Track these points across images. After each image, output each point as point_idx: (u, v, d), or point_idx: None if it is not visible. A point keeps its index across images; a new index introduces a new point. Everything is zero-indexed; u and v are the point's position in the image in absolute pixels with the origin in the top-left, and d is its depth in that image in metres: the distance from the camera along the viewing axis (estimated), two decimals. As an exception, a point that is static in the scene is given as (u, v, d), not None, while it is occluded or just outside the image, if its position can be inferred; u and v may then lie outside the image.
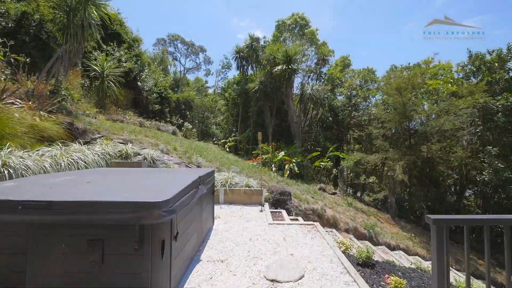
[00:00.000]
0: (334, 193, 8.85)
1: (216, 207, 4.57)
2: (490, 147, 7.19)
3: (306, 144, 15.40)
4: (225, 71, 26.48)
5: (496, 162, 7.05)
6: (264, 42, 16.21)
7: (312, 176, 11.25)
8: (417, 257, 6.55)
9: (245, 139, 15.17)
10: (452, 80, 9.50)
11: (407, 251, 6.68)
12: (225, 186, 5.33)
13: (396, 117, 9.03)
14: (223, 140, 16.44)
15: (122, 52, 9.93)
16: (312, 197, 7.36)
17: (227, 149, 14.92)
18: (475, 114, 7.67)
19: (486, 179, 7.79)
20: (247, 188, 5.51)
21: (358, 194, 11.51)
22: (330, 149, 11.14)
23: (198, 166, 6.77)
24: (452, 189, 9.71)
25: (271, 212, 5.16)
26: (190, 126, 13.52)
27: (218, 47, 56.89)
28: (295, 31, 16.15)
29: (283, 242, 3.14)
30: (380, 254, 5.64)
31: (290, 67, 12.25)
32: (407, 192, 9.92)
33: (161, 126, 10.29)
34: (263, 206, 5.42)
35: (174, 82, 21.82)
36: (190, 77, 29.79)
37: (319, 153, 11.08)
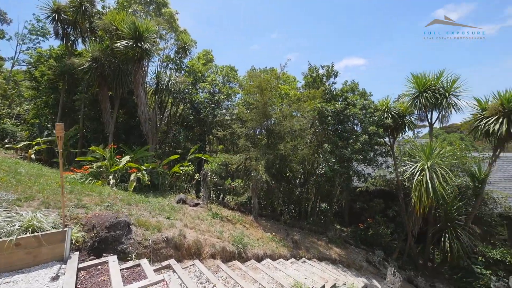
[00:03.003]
0: (196, 204, 7.26)
1: None
2: (326, 145, 8.57)
3: (164, 146, 12.92)
4: (37, 39, 17.92)
5: (330, 157, 8.44)
6: (102, 8, 11.96)
7: (170, 185, 9.13)
8: (281, 260, 6.29)
9: (67, 140, 10.28)
10: (296, 88, 10.87)
11: (273, 256, 6.25)
12: None
13: (257, 116, 8.96)
14: (26, 143, 10.37)
15: None
16: (167, 218, 5.31)
17: (32, 156, 9.43)
18: (316, 116, 8.90)
19: (322, 172, 9.31)
20: (28, 236, 2.66)
21: (221, 197, 10.73)
22: (192, 150, 9.55)
23: None
24: (298, 182, 11.15)
25: (84, 268, 2.67)
26: None
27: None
28: (150, 9, 13.20)
29: None
30: (250, 274, 4.61)
31: (140, 45, 9.40)
32: (266, 190, 10.21)
33: None
34: (67, 261, 2.79)
35: None
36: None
37: (178, 156, 9.15)
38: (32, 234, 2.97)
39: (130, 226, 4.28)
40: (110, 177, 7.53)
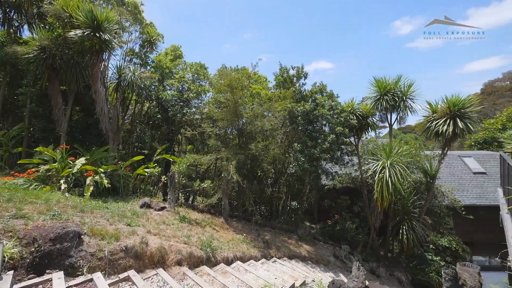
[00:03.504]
0: (162, 208, 6.84)
1: None
2: (296, 144, 8.72)
3: (128, 147, 12.04)
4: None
5: (300, 156, 8.60)
6: (53, -8, 10.66)
7: (135, 188, 8.51)
8: (252, 261, 6.21)
9: (8, 140, 8.98)
10: (267, 88, 10.89)
11: (243, 258, 6.14)
12: None
13: (228, 115, 8.78)
14: (-46, 142, 8.80)
15: None
16: (128, 225, 4.89)
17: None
18: (286, 116, 9.00)
19: (292, 171, 9.46)
20: None
21: (191, 200, 10.33)
22: (158, 151, 8.99)
23: None
24: (269, 182, 11.20)
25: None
26: None
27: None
28: (111, -3, 12.14)
29: None
30: (219, 279, 4.44)
31: (99, 35, 8.57)
32: (237, 190, 10.07)
33: None
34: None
35: None
36: None
37: (143, 157, 8.55)
38: None
39: (82, 236, 3.82)
40: (61, 181, 6.71)
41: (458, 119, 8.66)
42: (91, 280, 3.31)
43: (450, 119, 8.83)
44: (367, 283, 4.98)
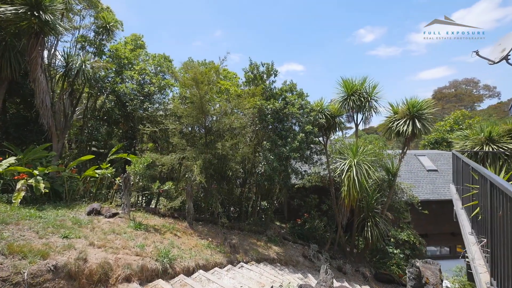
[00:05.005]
0: (114, 214, 6.03)
1: None
2: (265, 142, 8.44)
3: (81, 145, 10.67)
4: None
5: (269, 155, 8.34)
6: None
7: (85, 192, 7.47)
8: (216, 269, 5.75)
9: None
10: (237, 85, 10.46)
11: (207, 266, 5.65)
12: None
13: (194, 112, 8.16)
14: None
15: None
16: (65, 237, 4.10)
17: None
18: (256, 114, 8.68)
19: (262, 170, 9.18)
20: None
21: (153, 204, 9.48)
22: (113, 150, 8.01)
23: None
24: (238, 182, 10.79)
25: None
26: None
27: None
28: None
29: None
30: (177, 294, 3.91)
31: (39, 15, 7.33)
32: (203, 191, 9.48)
33: None
34: None
35: None
36: None
37: (93, 156, 7.53)
38: None
39: (-7, 256, 3.01)
40: (-17, 186, 5.53)
41: (416, 120, 9.18)
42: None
43: (409, 120, 9.33)
44: (335, 285, 4.86)
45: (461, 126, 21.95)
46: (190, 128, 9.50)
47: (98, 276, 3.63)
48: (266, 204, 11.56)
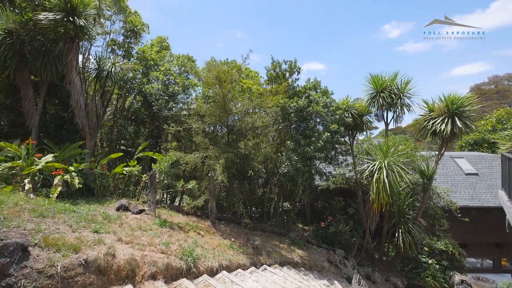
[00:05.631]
0: (141, 211, 6.16)
1: None
2: (289, 142, 8.19)
3: (111, 143, 11.19)
4: None
5: (292, 155, 8.07)
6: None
7: (115, 188, 7.77)
8: (240, 271, 5.62)
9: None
10: (259, 84, 10.32)
11: (230, 267, 5.54)
12: None
13: (216, 111, 8.15)
14: None
15: None
16: (95, 232, 4.20)
17: None
18: (279, 113, 8.46)
19: (285, 170, 8.93)
20: None
21: (177, 201, 9.64)
22: (140, 148, 8.27)
23: None
24: (260, 182, 10.63)
25: None
26: None
27: None
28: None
29: None
30: (201, 295, 3.82)
31: (73, 20, 7.78)
32: (226, 190, 9.46)
33: None
34: None
35: None
36: None
37: (121, 154, 7.81)
38: None
39: (30, 248, 3.13)
40: (26, 180, 5.93)
41: (456, 118, 8.35)
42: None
43: (448, 118, 8.52)
44: (367, 296, 4.49)
45: (505, 126, 19.82)
46: (212, 128, 9.52)
47: (125, 272, 3.66)
48: (288, 206, 11.27)
